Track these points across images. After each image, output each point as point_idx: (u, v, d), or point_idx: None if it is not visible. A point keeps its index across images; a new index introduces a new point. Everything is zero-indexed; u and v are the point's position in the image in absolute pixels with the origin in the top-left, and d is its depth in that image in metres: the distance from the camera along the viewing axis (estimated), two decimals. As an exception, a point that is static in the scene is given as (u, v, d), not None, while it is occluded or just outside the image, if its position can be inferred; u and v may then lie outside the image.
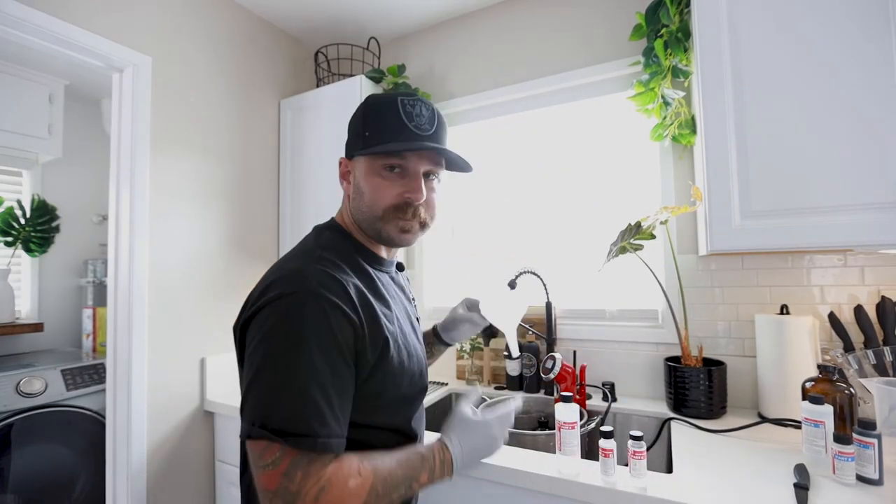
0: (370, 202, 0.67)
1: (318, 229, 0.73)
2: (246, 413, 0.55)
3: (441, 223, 1.90)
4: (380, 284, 0.70)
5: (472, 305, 0.98)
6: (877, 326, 1.11)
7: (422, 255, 1.86)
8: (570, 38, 1.57)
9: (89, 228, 2.38)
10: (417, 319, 0.83)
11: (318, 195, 1.72)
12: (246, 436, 0.54)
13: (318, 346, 0.55)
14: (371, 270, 0.70)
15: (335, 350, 0.56)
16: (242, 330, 0.62)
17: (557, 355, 1.26)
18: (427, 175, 0.69)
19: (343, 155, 0.73)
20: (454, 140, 1.86)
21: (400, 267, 0.83)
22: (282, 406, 0.53)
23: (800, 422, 1.02)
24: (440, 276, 1.88)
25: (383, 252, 0.74)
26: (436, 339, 1.00)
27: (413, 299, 0.87)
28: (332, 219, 0.75)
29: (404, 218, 0.68)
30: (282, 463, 0.51)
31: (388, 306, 0.68)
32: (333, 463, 0.54)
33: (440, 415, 1.52)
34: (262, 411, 0.53)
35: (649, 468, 0.96)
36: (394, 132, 0.65)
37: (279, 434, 0.51)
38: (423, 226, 0.71)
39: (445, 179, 0.76)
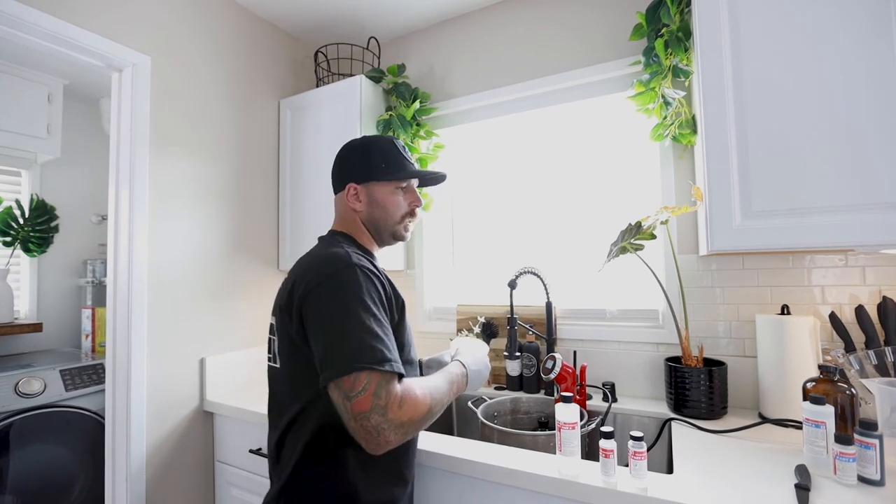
0: (392, 212, 0.95)
1: (332, 233, 0.96)
2: (333, 359, 0.69)
3: (440, 223, 1.90)
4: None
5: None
6: (878, 326, 1.11)
7: (422, 255, 1.86)
8: (571, 38, 1.57)
9: (88, 228, 2.38)
10: None
11: (318, 195, 1.72)
12: (337, 375, 0.68)
13: (372, 301, 0.74)
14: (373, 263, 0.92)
15: (381, 304, 0.77)
16: (299, 306, 0.76)
17: (557, 355, 1.26)
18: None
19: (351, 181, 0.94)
20: (454, 140, 1.87)
21: None
22: (363, 346, 0.69)
23: (801, 422, 1.02)
24: (440, 276, 1.88)
25: (377, 253, 0.98)
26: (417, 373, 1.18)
27: None
28: (332, 229, 0.97)
29: (412, 220, 0.99)
30: (370, 386, 0.67)
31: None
32: (404, 381, 0.72)
33: (440, 419, 1.52)
34: (349, 353, 0.68)
35: (650, 469, 0.96)
36: (401, 164, 0.95)
37: (359, 362, 0.67)
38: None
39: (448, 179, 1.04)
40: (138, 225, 1.35)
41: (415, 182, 1.00)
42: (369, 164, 0.93)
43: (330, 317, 0.72)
